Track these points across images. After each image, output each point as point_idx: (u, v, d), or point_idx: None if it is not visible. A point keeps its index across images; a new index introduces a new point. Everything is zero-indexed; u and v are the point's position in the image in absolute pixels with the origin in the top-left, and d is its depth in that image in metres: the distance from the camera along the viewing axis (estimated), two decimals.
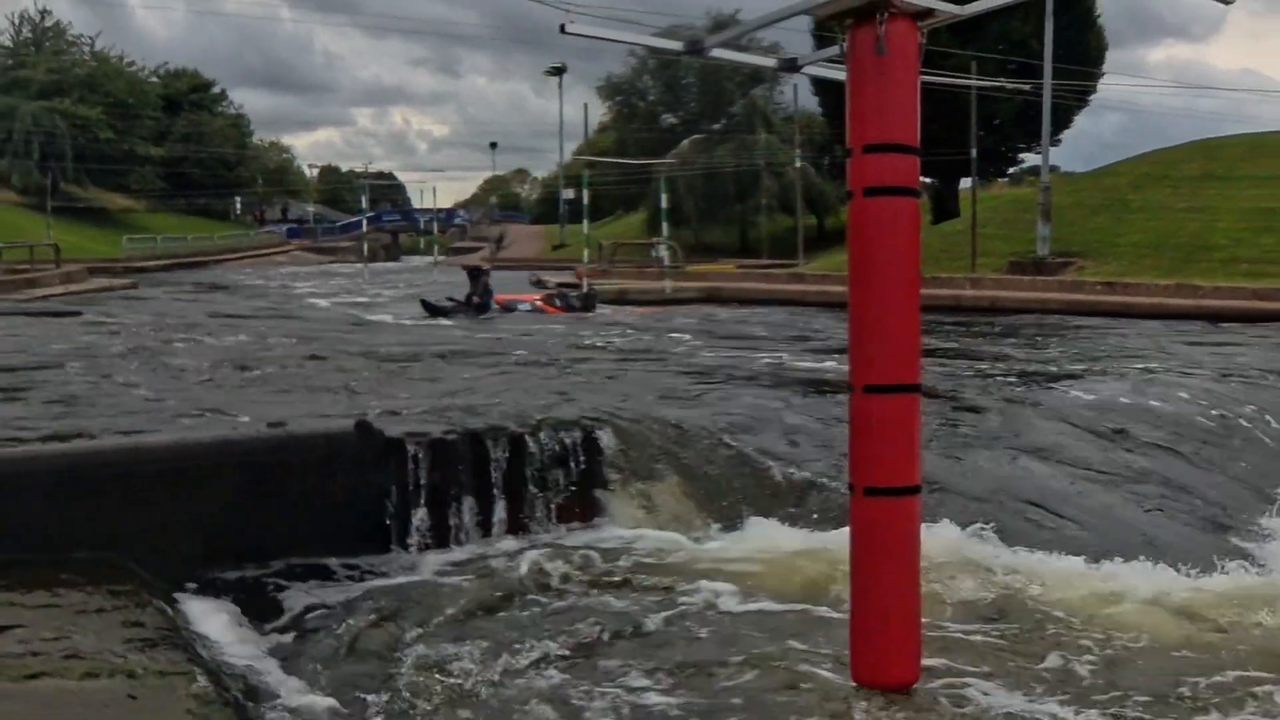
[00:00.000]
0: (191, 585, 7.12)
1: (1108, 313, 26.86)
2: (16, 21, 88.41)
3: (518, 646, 6.70)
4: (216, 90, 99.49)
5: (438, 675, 6.31)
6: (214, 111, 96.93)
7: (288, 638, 6.77)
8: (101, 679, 5.15)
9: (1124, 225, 39.79)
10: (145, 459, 7.63)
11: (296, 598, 7.36)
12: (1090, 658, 6.53)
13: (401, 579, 7.80)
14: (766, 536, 8.55)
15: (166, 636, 5.90)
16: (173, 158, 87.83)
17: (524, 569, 8.02)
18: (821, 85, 53.07)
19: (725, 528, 8.85)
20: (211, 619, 6.73)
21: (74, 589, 6.38)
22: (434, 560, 8.12)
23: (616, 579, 7.83)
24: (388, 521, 8.21)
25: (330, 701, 6.03)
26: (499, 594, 7.61)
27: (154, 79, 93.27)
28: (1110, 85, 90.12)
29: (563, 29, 6.01)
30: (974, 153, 41.65)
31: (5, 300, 29.48)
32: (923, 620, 5.83)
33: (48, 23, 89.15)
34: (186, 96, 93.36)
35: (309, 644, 6.75)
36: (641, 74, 78.11)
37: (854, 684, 5.76)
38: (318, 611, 7.25)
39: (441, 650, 6.64)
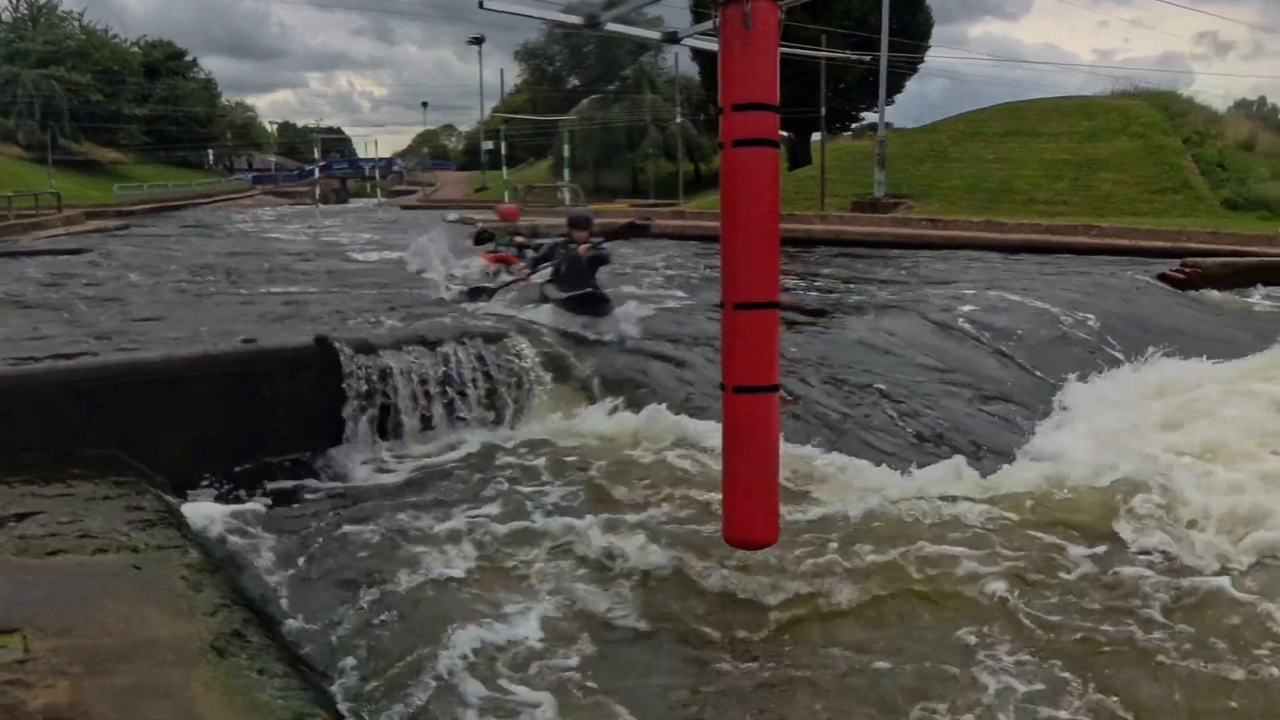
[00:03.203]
0: (183, 476, 7.09)
1: (930, 244, 27.18)
2: (14, 1, 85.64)
3: (452, 509, 6.84)
4: (189, 58, 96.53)
5: (386, 537, 6.39)
6: (187, 76, 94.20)
7: (263, 515, 6.77)
8: (110, 554, 5.15)
9: (944, 172, 40.22)
10: (142, 371, 7.56)
11: (270, 483, 7.37)
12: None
13: (356, 467, 7.84)
14: (656, 422, 8.60)
15: (163, 518, 5.89)
16: (154, 116, 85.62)
17: (454, 452, 8.17)
18: (698, 54, 52.86)
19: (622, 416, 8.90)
20: (201, 503, 6.73)
21: (84, 481, 6.35)
22: (382, 451, 8.16)
23: (533, 458, 7.93)
24: (344, 421, 8.20)
25: (299, 565, 6.08)
26: (434, 471, 7.76)
27: (135, 49, 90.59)
28: (936, 56, 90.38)
29: (481, 4, 5.98)
30: (823, 111, 41.74)
31: (16, 240, 28.77)
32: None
33: (41, 1, 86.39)
34: (164, 64, 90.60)
35: (281, 520, 6.78)
36: (550, 43, 77.61)
37: (726, 542, 5.89)
38: (288, 494, 7.29)
39: (389, 516, 6.74)
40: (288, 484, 7.44)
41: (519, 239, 14.85)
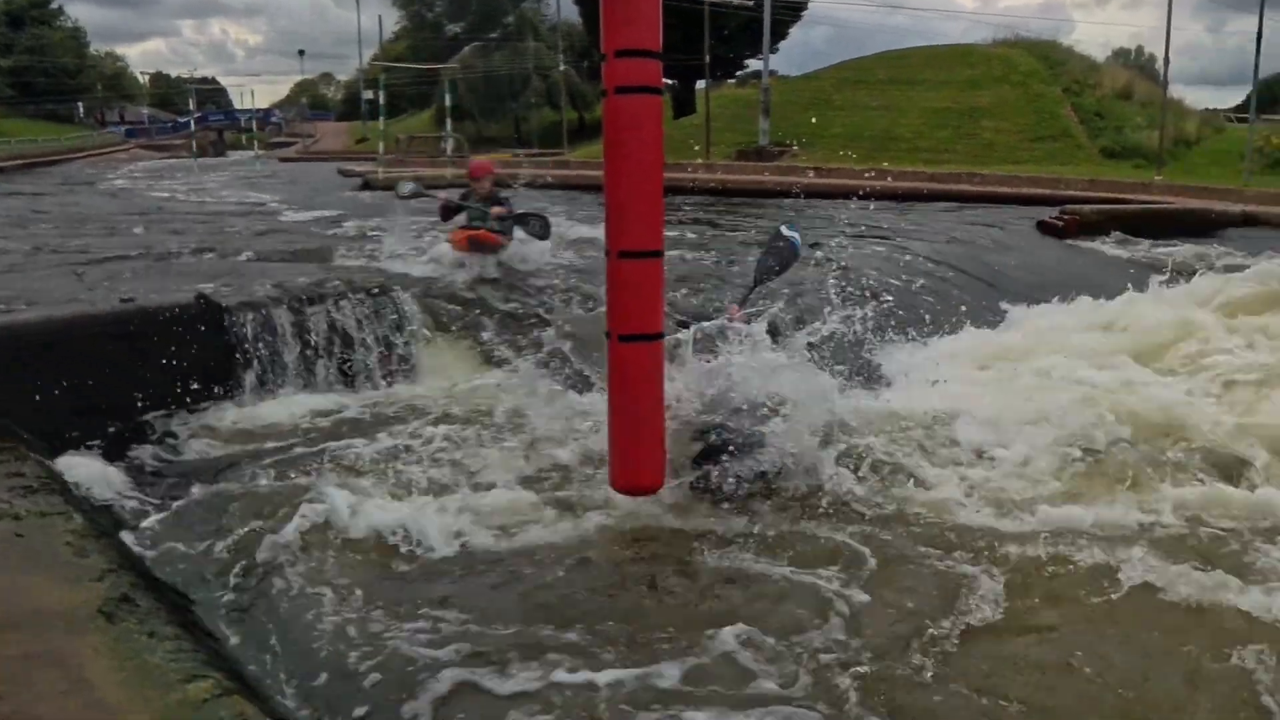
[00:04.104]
0: (64, 439, 6.97)
1: (816, 193, 27.35)
2: None
3: (337, 465, 6.85)
4: (55, 6, 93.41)
5: (271, 493, 6.38)
6: (53, 25, 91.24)
7: (149, 477, 6.74)
8: None
9: (828, 120, 40.67)
10: (17, 334, 7.40)
11: (153, 444, 7.31)
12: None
13: (239, 424, 7.80)
14: (538, 381, 8.67)
15: (46, 484, 5.79)
16: (19, 68, 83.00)
17: (340, 409, 8.18)
18: None
19: (510, 371, 8.96)
20: (85, 467, 6.62)
21: None
22: (268, 408, 8.12)
23: (418, 415, 7.96)
24: (226, 378, 8.14)
25: (185, 525, 6.04)
26: (318, 426, 7.79)
27: None
28: (820, 2, 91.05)
29: None
30: (707, 58, 41.83)
31: None
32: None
33: None
34: (27, 12, 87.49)
35: (165, 480, 6.75)
36: None
37: (613, 489, 6.00)
38: (171, 453, 7.24)
39: (273, 472, 6.77)
40: (171, 443, 7.39)
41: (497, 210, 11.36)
